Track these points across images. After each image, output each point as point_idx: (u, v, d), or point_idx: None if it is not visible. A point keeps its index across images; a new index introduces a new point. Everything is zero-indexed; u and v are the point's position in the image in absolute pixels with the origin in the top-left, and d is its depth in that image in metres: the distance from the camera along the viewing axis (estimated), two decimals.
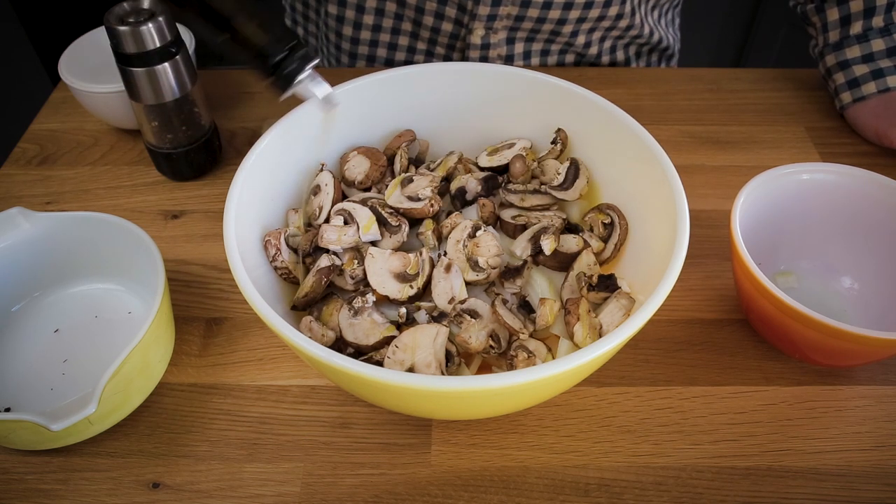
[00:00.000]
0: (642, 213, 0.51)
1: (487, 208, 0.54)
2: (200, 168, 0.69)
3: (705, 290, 0.59)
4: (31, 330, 0.55)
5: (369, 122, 0.59)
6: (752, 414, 0.51)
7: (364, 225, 0.51)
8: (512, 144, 0.59)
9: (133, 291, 0.57)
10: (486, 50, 0.84)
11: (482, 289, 0.52)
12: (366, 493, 0.47)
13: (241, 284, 0.42)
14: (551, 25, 0.81)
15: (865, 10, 0.71)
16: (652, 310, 0.40)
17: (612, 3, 0.79)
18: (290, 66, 0.48)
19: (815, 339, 0.47)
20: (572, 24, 0.81)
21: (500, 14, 0.79)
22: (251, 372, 0.54)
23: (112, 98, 0.69)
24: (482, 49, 0.83)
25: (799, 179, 0.55)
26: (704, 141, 0.74)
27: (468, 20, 0.81)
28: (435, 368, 0.45)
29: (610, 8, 0.80)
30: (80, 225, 0.55)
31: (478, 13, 0.79)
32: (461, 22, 0.82)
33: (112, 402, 0.46)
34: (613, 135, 0.53)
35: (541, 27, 0.81)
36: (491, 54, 0.84)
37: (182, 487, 0.47)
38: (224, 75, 0.83)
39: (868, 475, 0.47)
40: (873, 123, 0.71)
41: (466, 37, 0.83)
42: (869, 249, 0.56)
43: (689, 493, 0.47)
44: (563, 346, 0.48)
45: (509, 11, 0.79)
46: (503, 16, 0.79)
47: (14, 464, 0.48)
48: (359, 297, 0.48)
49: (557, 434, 0.50)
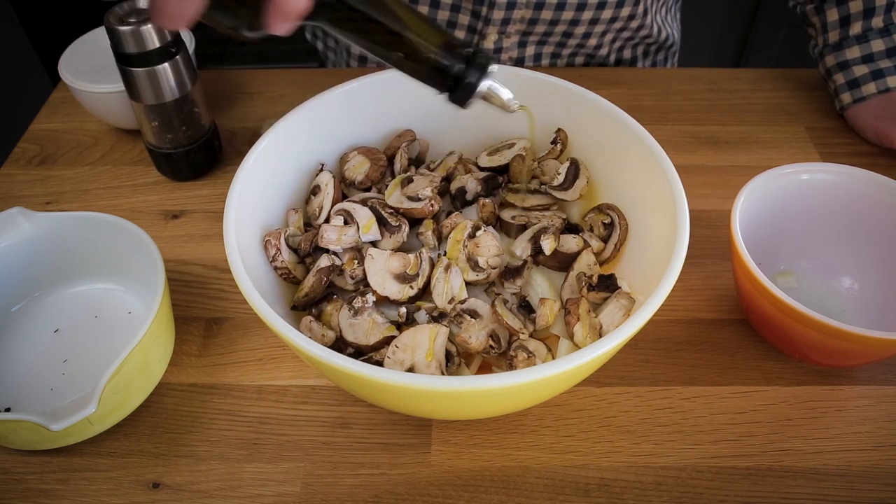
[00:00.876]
0: (642, 213, 0.51)
1: (487, 208, 0.54)
2: (200, 168, 0.69)
3: (705, 290, 0.59)
4: (31, 330, 0.55)
5: (369, 122, 0.59)
6: (752, 414, 0.51)
7: (364, 225, 0.51)
8: (512, 144, 0.59)
9: (133, 291, 0.57)
10: (497, 53, 0.84)
11: (482, 289, 0.52)
12: (366, 493, 0.47)
13: (241, 284, 0.42)
14: (563, 27, 0.81)
15: (865, 11, 0.71)
16: (652, 310, 0.40)
17: (625, 4, 0.79)
18: (471, 77, 0.42)
19: (815, 339, 0.47)
20: (584, 25, 0.80)
21: (514, 18, 0.79)
22: (251, 372, 0.54)
23: (112, 98, 0.69)
24: (494, 53, 0.83)
25: (799, 179, 0.55)
26: (704, 141, 0.74)
27: (482, 26, 0.81)
28: (435, 368, 0.45)
29: (622, 9, 0.80)
30: (80, 225, 0.55)
31: (492, 18, 0.79)
32: (475, 28, 0.82)
33: (112, 402, 0.46)
34: (613, 135, 0.53)
35: (553, 29, 0.81)
36: (502, 58, 0.84)
37: (182, 487, 0.47)
38: (224, 75, 0.83)
39: (868, 475, 0.47)
40: (873, 124, 0.71)
41: (480, 42, 0.83)
42: (869, 249, 0.56)
43: (689, 493, 0.47)
44: (563, 346, 0.48)
45: (523, 15, 0.79)
46: (517, 19, 0.79)
47: (14, 464, 0.48)
48: (359, 297, 0.48)
49: (557, 434, 0.50)
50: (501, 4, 0.77)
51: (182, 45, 0.62)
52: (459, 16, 0.81)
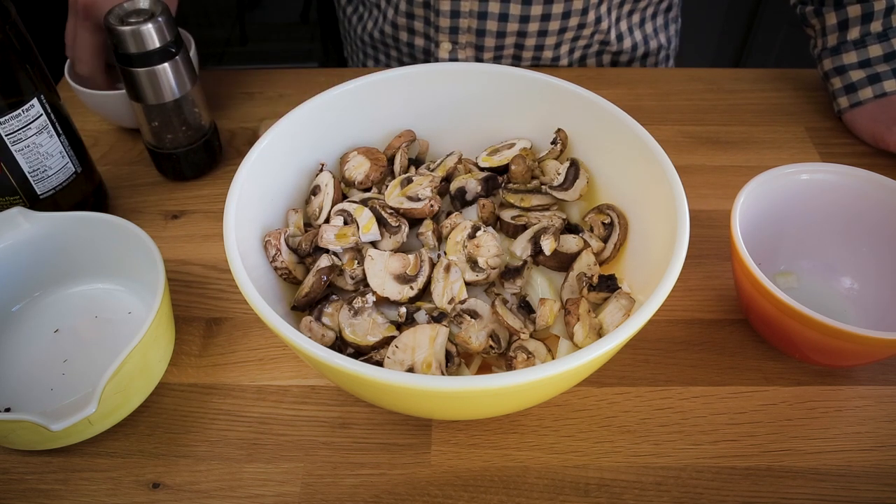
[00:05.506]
0: (642, 213, 0.51)
1: (487, 208, 0.54)
2: (200, 168, 0.69)
3: (705, 290, 0.59)
4: (31, 330, 0.55)
5: (369, 122, 0.59)
6: (752, 414, 0.51)
7: (364, 225, 0.51)
8: (512, 144, 0.59)
9: (133, 291, 0.57)
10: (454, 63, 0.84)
11: (482, 289, 0.52)
12: (366, 493, 0.47)
13: (241, 285, 0.42)
14: (513, 39, 0.81)
15: (863, 16, 0.71)
16: (652, 310, 0.40)
17: (572, 14, 0.79)
18: None
19: (815, 339, 0.47)
20: (534, 37, 0.81)
21: (461, 27, 0.80)
22: (251, 372, 0.54)
23: (117, 98, 0.69)
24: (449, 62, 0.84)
25: (799, 179, 0.55)
26: (704, 141, 0.74)
27: (434, 33, 0.81)
28: (435, 368, 0.45)
29: (569, 19, 0.80)
30: (80, 225, 0.55)
31: (440, 26, 0.80)
32: (429, 36, 0.82)
33: (112, 402, 0.46)
34: (613, 135, 0.53)
35: (503, 42, 0.81)
36: None
37: (182, 487, 0.47)
38: (224, 75, 0.83)
39: (868, 475, 0.47)
40: (870, 127, 0.71)
41: (435, 51, 0.83)
42: (869, 249, 0.56)
43: (689, 493, 0.47)
44: (563, 346, 0.48)
45: (469, 24, 0.79)
46: (464, 29, 0.80)
47: (14, 464, 0.48)
48: (359, 297, 0.48)
49: (557, 434, 0.50)
50: (445, 12, 0.78)
51: (182, 45, 0.62)
52: (415, 23, 0.82)
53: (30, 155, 0.56)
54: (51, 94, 0.57)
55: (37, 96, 0.55)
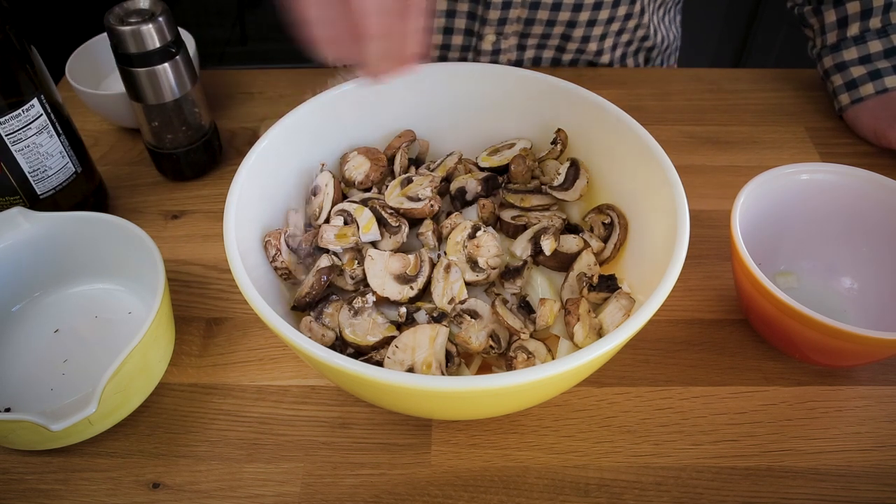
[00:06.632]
0: (642, 213, 0.51)
1: (487, 208, 0.54)
2: (200, 168, 0.69)
3: (705, 290, 0.59)
4: (31, 330, 0.55)
5: (369, 122, 0.59)
6: (752, 414, 0.51)
7: (364, 225, 0.51)
8: (512, 144, 0.59)
9: (133, 291, 0.57)
10: (496, 55, 0.83)
11: (482, 289, 0.52)
12: (366, 493, 0.47)
13: (241, 284, 0.42)
14: (561, 28, 0.81)
15: (862, 12, 0.71)
16: (652, 310, 0.40)
17: (621, 3, 0.79)
18: None
19: (815, 339, 0.47)
20: (582, 27, 0.80)
21: (510, 18, 0.79)
22: (251, 372, 0.54)
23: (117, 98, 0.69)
24: (493, 55, 0.83)
25: (799, 179, 0.55)
26: (704, 141, 0.74)
27: (479, 27, 0.81)
28: (435, 368, 0.45)
29: (619, 8, 0.80)
30: (80, 225, 0.55)
31: (489, 18, 0.79)
32: (472, 30, 0.82)
33: (112, 402, 0.46)
34: (613, 135, 0.53)
35: (551, 31, 0.81)
36: (500, 59, 0.84)
37: (182, 487, 0.47)
38: (224, 75, 0.83)
39: (868, 475, 0.47)
40: (872, 124, 0.71)
41: (477, 44, 0.83)
42: (869, 249, 0.56)
43: (689, 493, 0.47)
44: (563, 346, 0.48)
45: (519, 14, 0.79)
46: (513, 19, 0.79)
47: (14, 464, 0.48)
48: (359, 297, 0.48)
49: (557, 434, 0.50)
50: (497, 4, 0.77)
51: (182, 46, 0.62)
52: (455, 20, 0.81)
53: (30, 155, 0.56)
54: (51, 94, 0.57)
55: (37, 96, 0.55)
